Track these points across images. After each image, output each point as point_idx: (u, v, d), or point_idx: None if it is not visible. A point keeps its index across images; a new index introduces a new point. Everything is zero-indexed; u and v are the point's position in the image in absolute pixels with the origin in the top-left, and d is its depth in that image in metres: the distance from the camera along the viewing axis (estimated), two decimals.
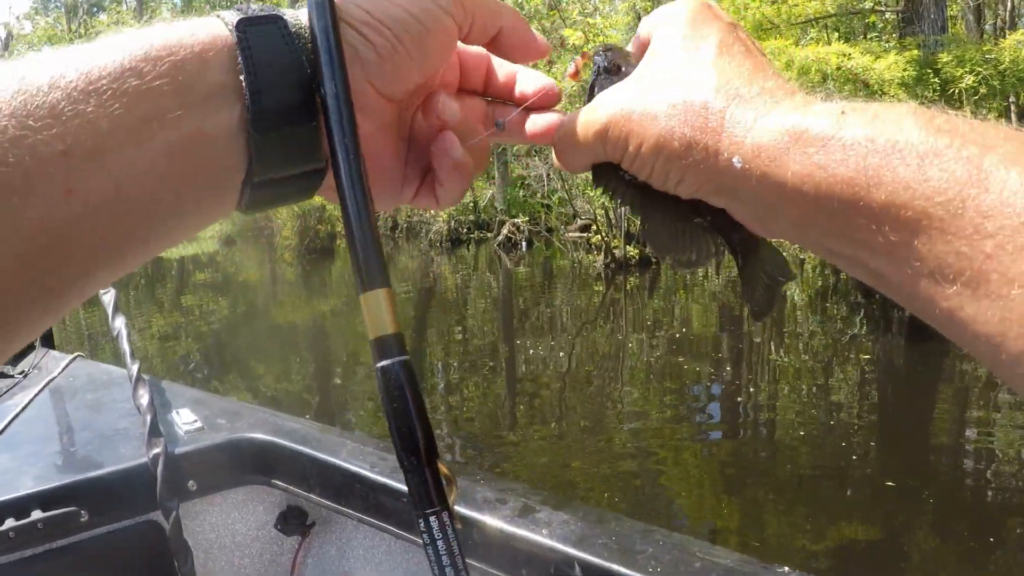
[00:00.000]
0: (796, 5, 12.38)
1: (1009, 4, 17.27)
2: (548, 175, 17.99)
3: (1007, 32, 16.19)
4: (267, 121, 0.42)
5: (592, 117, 0.50)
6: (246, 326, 10.39)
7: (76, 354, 1.93)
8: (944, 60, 10.55)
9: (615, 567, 1.07)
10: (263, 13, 0.44)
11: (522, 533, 1.17)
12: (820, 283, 12.53)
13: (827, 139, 0.40)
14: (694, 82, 0.46)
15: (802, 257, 15.97)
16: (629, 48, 0.55)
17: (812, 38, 12.66)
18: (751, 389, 6.42)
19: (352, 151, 0.44)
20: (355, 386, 7.13)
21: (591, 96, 0.53)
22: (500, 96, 0.57)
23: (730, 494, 4.46)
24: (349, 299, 12.58)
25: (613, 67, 0.53)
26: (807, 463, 4.89)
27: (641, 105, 0.47)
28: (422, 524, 0.42)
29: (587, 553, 1.11)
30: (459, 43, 0.52)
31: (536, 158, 19.54)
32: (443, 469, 0.44)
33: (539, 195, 19.13)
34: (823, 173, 0.40)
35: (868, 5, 12.58)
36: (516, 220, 18.87)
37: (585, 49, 0.59)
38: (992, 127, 0.38)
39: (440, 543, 0.42)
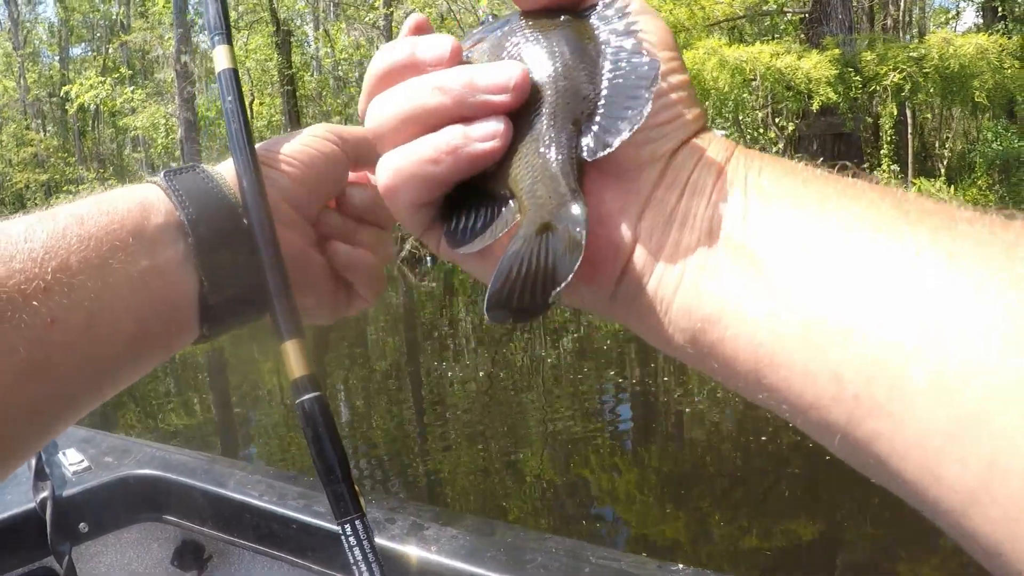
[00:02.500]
0: (703, 8, 12.78)
1: (901, 5, 18.14)
2: None
3: (900, 33, 16.98)
4: (206, 246, 0.53)
5: None
6: None
7: None
8: (867, 58, 11.02)
9: None
10: (184, 166, 0.56)
11: (410, 552, 1.22)
12: None
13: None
14: None
15: None
16: None
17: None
18: (674, 393, 6.57)
19: (264, 215, 0.55)
20: (257, 417, 7.07)
21: None
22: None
23: (669, 501, 4.54)
24: (249, 329, 12.37)
25: None
26: (740, 463, 5.04)
27: None
28: (348, 529, 0.51)
29: (476, 567, 1.15)
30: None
31: None
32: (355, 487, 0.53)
33: None
34: None
35: (772, 7, 13.06)
36: None
37: None
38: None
39: (365, 543, 0.51)
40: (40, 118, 34.27)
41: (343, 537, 0.51)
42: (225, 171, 0.57)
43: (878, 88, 11.31)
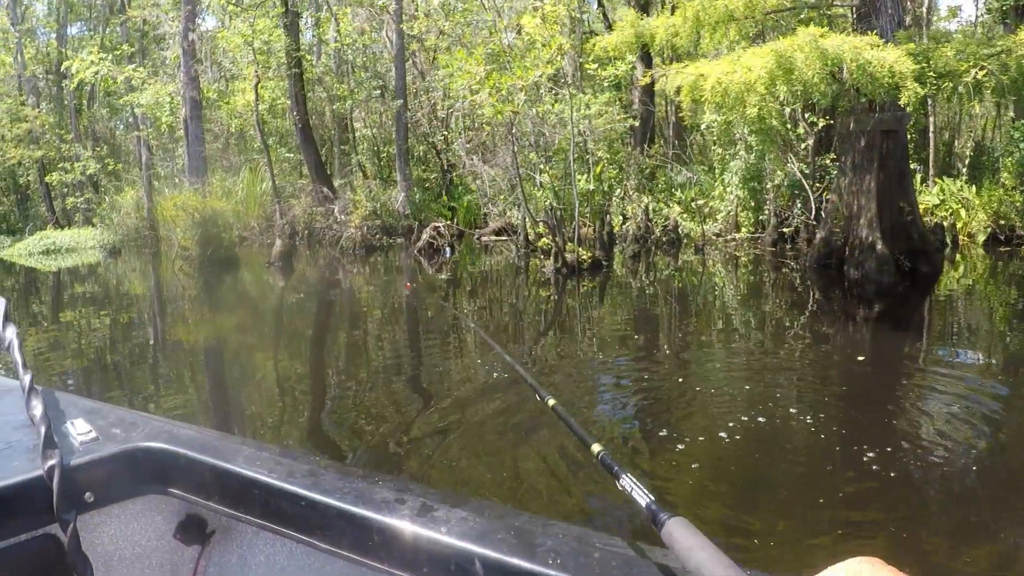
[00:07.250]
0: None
1: (926, 1, 18.40)
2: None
3: (924, 29, 17.17)
4: None
5: None
6: (147, 343, 10.28)
7: None
8: (947, 54, 11.03)
9: (514, 561, 1.18)
10: None
11: (422, 532, 1.28)
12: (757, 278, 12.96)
13: None
14: None
15: (737, 254, 16.53)
16: None
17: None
18: (721, 391, 6.59)
19: None
20: (257, 400, 7.16)
21: None
22: None
23: (717, 501, 4.58)
24: (255, 312, 12.57)
25: None
26: (792, 459, 5.10)
27: None
28: None
29: (487, 549, 1.21)
30: None
31: (475, 156, 20.17)
32: None
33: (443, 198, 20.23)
34: None
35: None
36: (438, 224, 19.55)
37: None
38: None
39: None
40: (35, 95, 34.72)
41: None
42: None
43: (949, 84, 11.30)
